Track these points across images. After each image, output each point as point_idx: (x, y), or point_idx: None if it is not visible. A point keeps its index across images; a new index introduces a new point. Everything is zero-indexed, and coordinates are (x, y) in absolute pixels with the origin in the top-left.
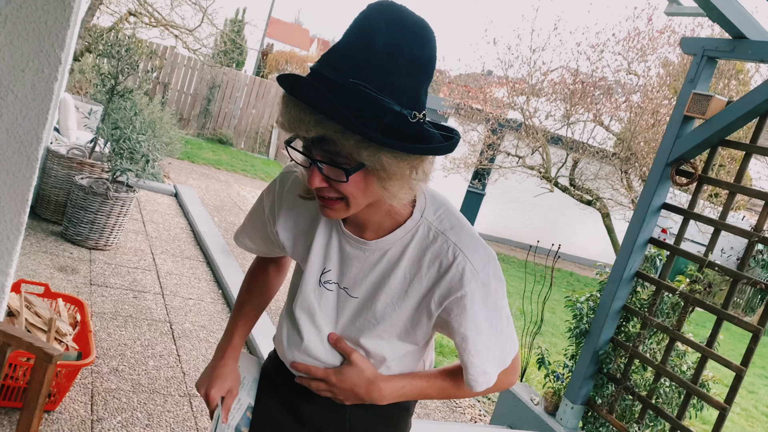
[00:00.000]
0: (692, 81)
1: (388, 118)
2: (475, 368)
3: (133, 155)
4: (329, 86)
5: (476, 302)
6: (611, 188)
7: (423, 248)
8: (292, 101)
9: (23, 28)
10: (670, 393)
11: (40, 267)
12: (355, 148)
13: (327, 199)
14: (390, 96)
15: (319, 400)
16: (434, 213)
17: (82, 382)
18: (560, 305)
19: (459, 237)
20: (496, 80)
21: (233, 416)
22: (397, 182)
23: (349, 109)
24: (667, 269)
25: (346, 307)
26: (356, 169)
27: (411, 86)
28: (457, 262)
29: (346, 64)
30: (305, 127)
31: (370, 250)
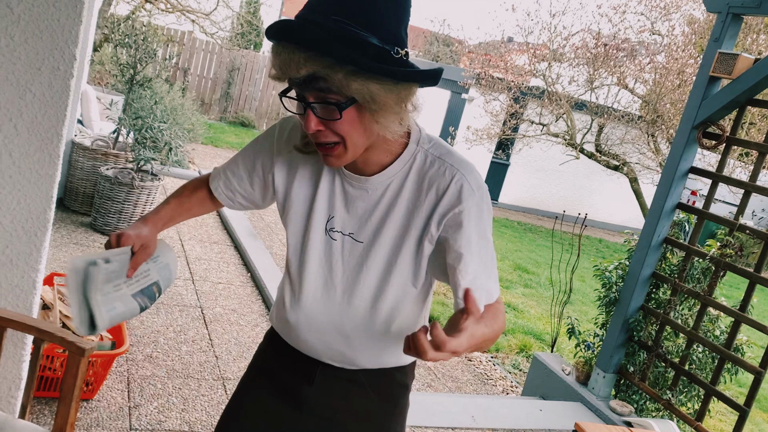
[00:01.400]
0: (717, 40)
1: (372, 52)
2: (468, 284)
3: (156, 144)
4: (312, 26)
5: (472, 220)
6: (638, 152)
7: (422, 174)
8: (281, 46)
9: (37, 27)
10: (703, 359)
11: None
12: (345, 81)
13: (326, 146)
14: (372, 32)
15: (319, 383)
16: (429, 141)
17: (118, 370)
18: (589, 273)
19: (454, 159)
20: (516, 47)
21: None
22: (388, 114)
23: (335, 44)
24: (697, 234)
25: (353, 254)
26: (348, 104)
27: (392, 22)
28: (456, 180)
29: (328, 5)
30: (296, 67)
31: (372, 187)
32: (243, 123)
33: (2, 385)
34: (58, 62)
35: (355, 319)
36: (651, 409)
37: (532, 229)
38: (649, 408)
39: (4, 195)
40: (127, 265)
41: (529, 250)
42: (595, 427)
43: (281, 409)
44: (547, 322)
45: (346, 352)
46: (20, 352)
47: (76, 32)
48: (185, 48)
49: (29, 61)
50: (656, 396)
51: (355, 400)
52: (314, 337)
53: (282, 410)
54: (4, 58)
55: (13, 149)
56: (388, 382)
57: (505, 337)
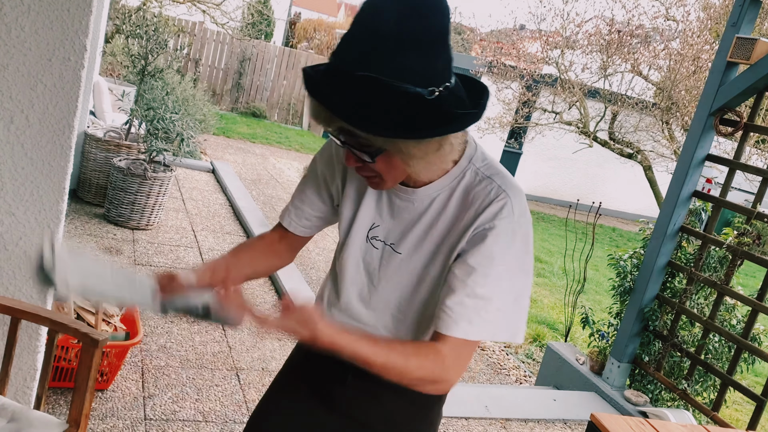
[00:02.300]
0: (735, 24)
1: (402, 103)
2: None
3: (168, 135)
4: (338, 81)
5: (499, 241)
6: (652, 140)
7: (468, 191)
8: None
9: (47, 17)
10: (719, 348)
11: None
12: (372, 138)
13: (366, 176)
14: (402, 79)
15: (352, 384)
16: (482, 160)
17: (132, 361)
18: (603, 262)
19: (504, 181)
20: (528, 35)
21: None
22: (421, 161)
23: (357, 105)
24: (713, 222)
25: (391, 264)
26: (378, 152)
27: (424, 64)
28: (499, 199)
29: (355, 54)
30: (324, 122)
31: (418, 199)
32: (254, 113)
33: (17, 376)
34: (69, 53)
35: (387, 327)
36: (666, 399)
37: (544, 218)
38: (664, 398)
39: (17, 186)
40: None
41: (542, 239)
42: (611, 419)
43: (315, 405)
44: (561, 311)
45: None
46: (35, 344)
47: (86, 22)
48: (196, 38)
49: (40, 52)
50: (672, 386)
51: (386, 406)
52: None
53: (315, 409)
54: (15, 49)
55: (25, 141)
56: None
57: None
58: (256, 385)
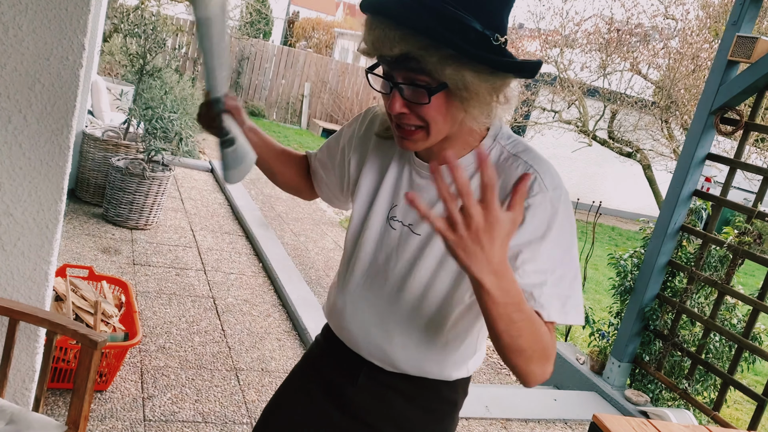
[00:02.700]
0: (735, 23)
1: (472, 37)
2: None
3: (167, 134)
4: (415, 2)
5: (537, 218)
6: (651, 139)
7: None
8: (376, 21)
9: (44, 16)
10: (720, 347)
11: (84, 249)
12: (439, 64)
13: (406, 129)
14: (475, 16)
15: (364, 386)
16: (508, 138)
17: (131, 361)
18: (602, 261)
19: (532, 157)
20: (528, 33)
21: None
22: (479, 104)
23: (435, 23)
24: (714, 221)
25: (408, 246)
26: (439, 89)
27: (495, 8)
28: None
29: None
30: (390, 44)
31: (460, 166)
32: (253, 112)
33: (16, 377)
34: (67, 52)
35: (400, 315)
36: (666, 399)
37: None
38: (665, 397)
39: (15, 187)
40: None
41: None
42: (614, 419)
43: (326, 406)
44: None
45: (386, 349)
46: (33, 345)
47: (84, 21)
48: (194, 37)
49: (37, 51)
50: (672, 385)
51: (397, 410)
52: (356, 327)
53: (326, 407)
54: (13, 48)
55: (23, 141)
56: (434, 396)
57: None
58: (255, 386)
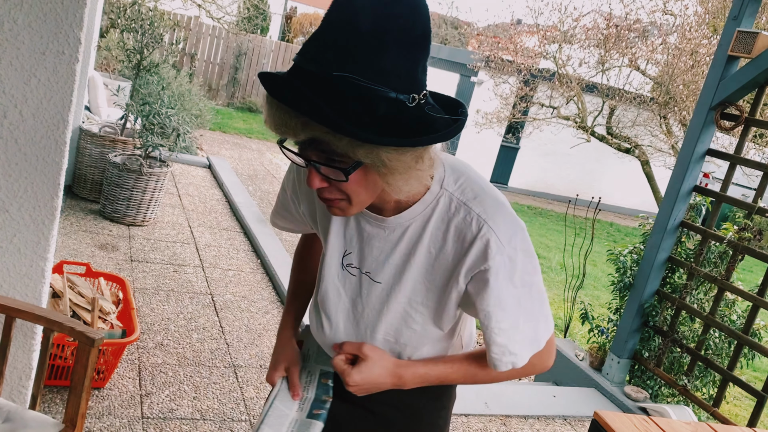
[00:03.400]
0: (736, 18)
1: (382, 109)
2: (498, 347)
3: (164, 130)
4: (312, 84)
5: (500, 277)
6: (650, 135)
7: (445, 221)
8: (275, 103)
9: (40, 10)
10: (719, 344)
11: (82, 246)
12: (350, 147)
13: (330, 200)
14: (383, 83)
15: None
16: (455, 182)
17: (129, 358)
18: (601, 258)
19: (483, 207)
20: (526, 29)
21: (306, 388)
22: (401, 175)
23: (335, 108)
24: (714, 217)
25: (372, 294)
26: (354, 167)
27: (406, 67)
28: (482, 234)
29: (330, 54)
30: (293, 131)
31: (389, 227)
32: (250, 108)
33: (12, 375)
34: (63, 46)
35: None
36: (666, 395)
37: (542, 213)
38: (664, 393)
39: (11, 183)
40: (288, 395)
41: (539, 234)
42: (615, 417)
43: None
44: (559, 306)
45: None
46: (30, 342)
47: (80, 15)
48: (192, 33)
49: (33, 45)
50: (672, 382)
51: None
52: None
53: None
54: (8, 42)
55: (18, 136)
56: None
57: None
58: (254, 383)
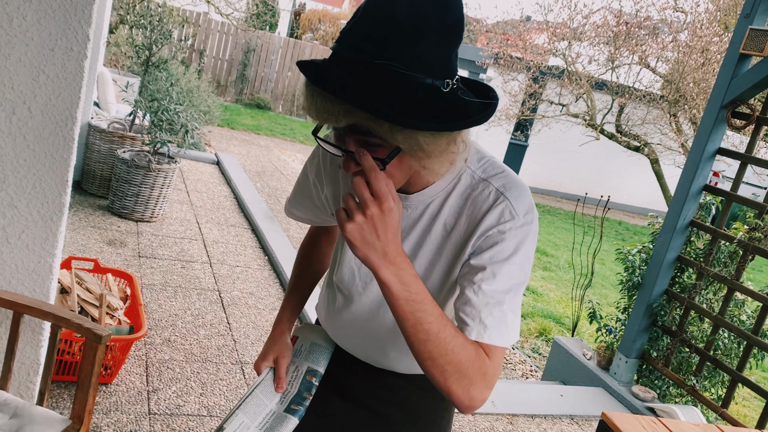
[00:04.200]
0: (748, 16)
1: (420, 94)
2: (472, 308)
3: (172, 126)
4: (353, 72)
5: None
6: (660, 133)
7: (464, 196)
8: (317, 90)
9: (49, 6)
10: (729, 344)
11: (90, 242)
12: (390, 132)
13: None
14: (419, 70)
15: (364, 373)
16: (478, 161)
17: (136, 354)
18: (609, 256)
19: (502, 182)
20: (535, 26)
21: (291, 383)
22: (437, 158)
23: (377, 95)
24: (724, 217)
25: None
26: (393, 155)
27: (441, 54)
28: (498, 203)
29: (369, 43)
30: (335, 118)
31: (412, 205)
32: (259, 105)
33: (20, 370)
34: (72, 43)
35: (388, 332)
36: (673, 395)
37: (550, 211)
38: (672, 393)
39: (19, 179)
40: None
41: (547, 232)
42: (623, 417)
43: (328, 397)
44: (567, 305)
45: (383, 361)
46: (38, 338)
47: (89, 11)
48: (200, 29)
49: (42, 41)
50: (680, 382)
51: (399, 393)
52: (352, 343)
53: (329, 398)
54: (17, 38)
55: (27, 132)
56: None
57: (525, 321)
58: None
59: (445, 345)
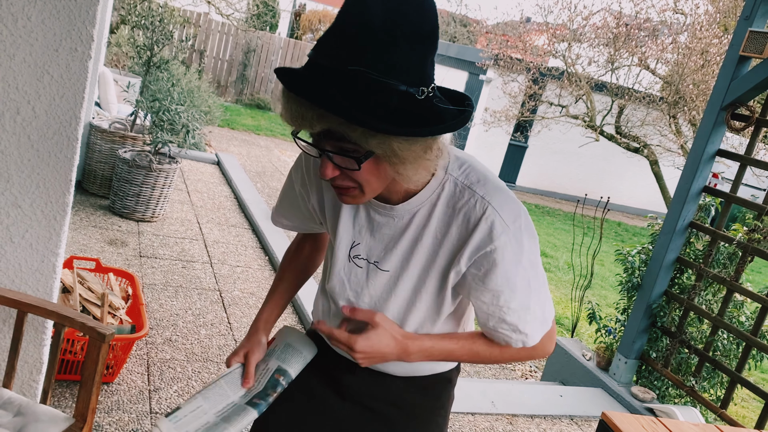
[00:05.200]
0: (748, 18)
1: (395, 101)
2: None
3: (173, 126)
4: (328, 77)
5: (507, 257)
6: (659, 134)
7: (450, 205)
8: (291, 96)
9: (53, 7)
10: (728, 345)
11: (91, 241)
12: (363, 137)
13: (342, 188)
14: (394, 77)
15: (362, 372)
16: (459, 168)
17: (137, 354)
18: (608, 257)
19: (486, 190)
20: (535, 27)
21: (258, 380)
22: (411, 165)
23: (351, 100)
24: (723, 218)
25: (378, 283)
26: (367, 157)
27: (415, 62)
28: (486, 215)
29: (344, 50)
30: (309, 123)
31: (398, 215)
32: (259, 105)
33: (23, 369)
34: (76, 43)
35: None
36: (673, 396)
37: (550, 212)
38: (671, 394)
39: (23, 179)
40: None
41: (547, 233)
42: (623, 417)
43: (326, 395)
44: (566, 306)
45: (380, 367)
46: (41, 337)
47: (93, 12)
48: (201, 30)
49: (46, 42)
50: (679, 383)
51: (396, 392)
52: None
53: (327, 397)
54: (22, 39)
55: (31, 132)
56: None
57: None
58: None
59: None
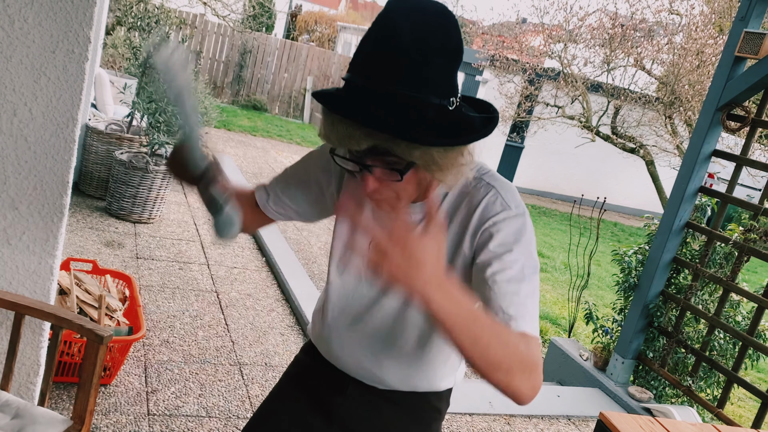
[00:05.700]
0: (743, 19)
1: (431, 114)
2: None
3: (170, 128)
4: (368, 97)
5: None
6: (655, 135)
7: (461, 195)
8: (337, 118)
9: (50, 9)
10: (724, 345)
11: (88, 243)
12: (407, 150)
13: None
14: (428, 91)
15: (351, 395)
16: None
17: (135, 355)
18: (605, 257)
19: (494, 180)
20: (531, 28)
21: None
22: (449, 171)
23: (395, 117)
24: (719, 218)
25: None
26: (408, 168)
27: (445, 75)
28: (489, 195)
29: (379, 71)
30: (356, 141)
31: (413, 211)
32: (255, 106)
33: (21, 371)
34: (73, 45)
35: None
36: (669, 395)
37: (546, 212)
38: (668, 394)
39: (20, 181)
40: None
41: (543, 234)
42: (620, 417)
43: (312, 420)
44: (563, 306)
45: (376, 372)
46: (38, 339)
47: (90, 14)
48: (197, 31)
49: (43, 43)
50: (676, 382)
51: (385, 418)
52: (346, 353)
53: (313, 421)
54: (18, 41)
55: (28, 134)
56: (422, 405)
57: None
58: (259, 380)
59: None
